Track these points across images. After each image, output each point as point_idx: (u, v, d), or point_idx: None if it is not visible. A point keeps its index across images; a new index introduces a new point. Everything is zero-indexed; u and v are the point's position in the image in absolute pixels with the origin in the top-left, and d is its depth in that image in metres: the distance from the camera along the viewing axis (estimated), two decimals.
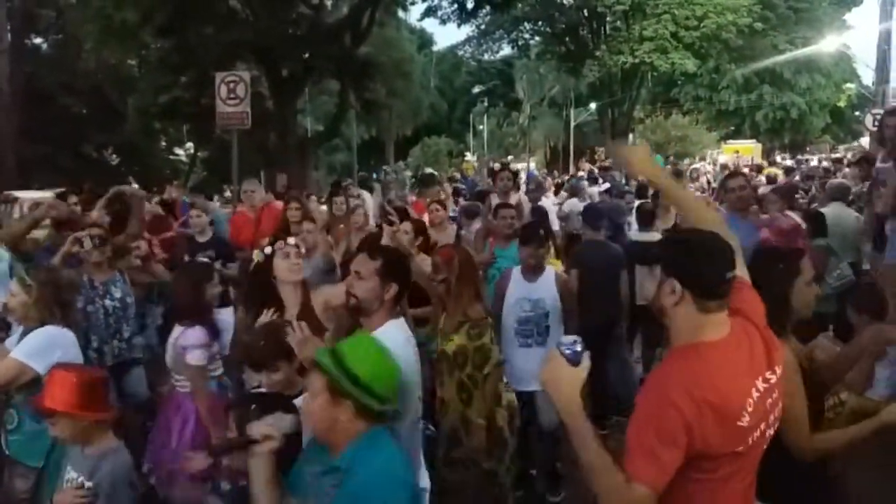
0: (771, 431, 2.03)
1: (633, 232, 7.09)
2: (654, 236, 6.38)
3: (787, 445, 2.53)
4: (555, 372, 1.92)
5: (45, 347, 3.26)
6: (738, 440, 1.90)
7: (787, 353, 2.60)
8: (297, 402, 2.90)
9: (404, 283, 2.82)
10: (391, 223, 4.43)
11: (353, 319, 3.04)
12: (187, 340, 3.71)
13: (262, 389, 3.01)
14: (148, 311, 5.76)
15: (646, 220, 6.76)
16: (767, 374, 1.98)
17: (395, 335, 2.72)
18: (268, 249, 3.73)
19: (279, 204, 7.33)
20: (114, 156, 23.08)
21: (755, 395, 1.92)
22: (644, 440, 1.83)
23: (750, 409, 1.90)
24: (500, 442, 3.84)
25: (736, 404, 1.88)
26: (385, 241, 4.11)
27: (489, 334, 3.73)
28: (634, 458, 1.83)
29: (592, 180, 16.29)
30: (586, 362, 1.94)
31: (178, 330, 3.82)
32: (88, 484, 2.72)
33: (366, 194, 9.70)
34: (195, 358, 3.70)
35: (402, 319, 2.88)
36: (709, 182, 16.16)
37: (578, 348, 1.93)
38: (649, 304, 2.06)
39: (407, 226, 5.24)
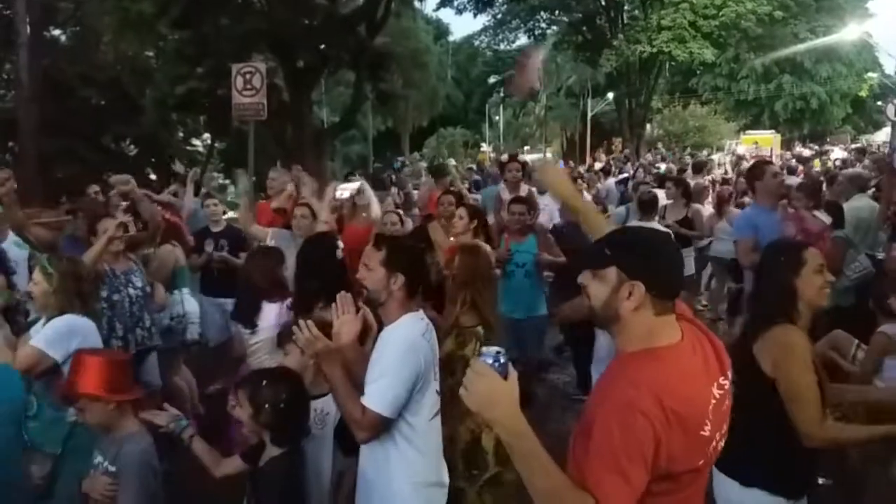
0: (721, 444, 1.87)
1: (635, 221, 7.08)
2: (653, 226, 6.38)
3: (797, 429, 2.59)
4: (490, 389, 1.66)
5: (63, 336, 3.28)
6: (700, 452, 1.77)
7: (795, 335, 2.65)
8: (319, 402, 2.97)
9: (412, 274, 2.77)
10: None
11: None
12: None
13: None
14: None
15: (645, 209, 6.80)
16: (721, 380, 1.84)
17: (408, 329, 2.71)
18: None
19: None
20: (132, 147, 23.22)
21: (713, 402, 1.78)
22: (610, 457, 1.62)
23: (710, 418, 1.76)
24: (481, 464, 3.49)
25: (699, 412, 1.74)
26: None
27: (473, 346, 3.43)
28: (603, 479, 1.62)
29: (606, 172, 16.25)
30: (513, 374, 1.71)
31: (271, 307, 3.88)
32: (112, 468, 2.78)
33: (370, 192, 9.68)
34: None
35: (419, 313, 2.84)
36: (725, 174, 16.01)
37: (503, 360, 1.69)
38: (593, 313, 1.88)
39: (462, 211, 5.24)
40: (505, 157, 9.09)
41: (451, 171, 10.31)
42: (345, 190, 5.55)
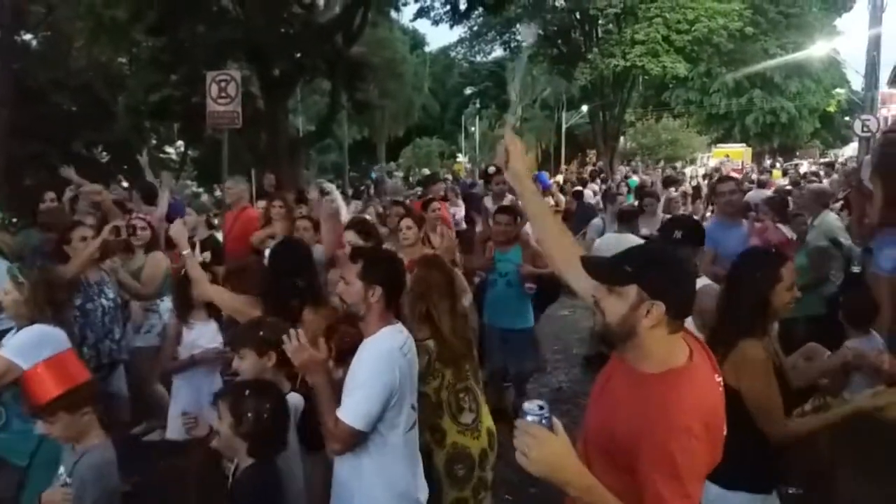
0: None
1: (612, 230, 7.15)
2: (628, 238, 6.41)
3: (764, 432, 2.64)
4: (551, 453, 1.62)
5: (33, 345, 3.22)
6: (721, 451, 1.85)
7: (758, 350, 2.69)
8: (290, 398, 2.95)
9: (390, 286, 2.76)
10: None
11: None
12: None
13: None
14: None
15: (625, 219, 6.87)
16: (717, 378, 1.91)
17: (382, 343, 2.71)
18: None
19: (253, 211, 7.32)
20: (104, 153, 22.91)
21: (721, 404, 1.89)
22: (678, 485, 1.66)
23: (725, 418, 1.86)
24: (436, 482, 3.29)
25: (722, 417, 1.84)
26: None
27: (423, 360, 3.23)
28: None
29: (583, 183, 16.41)
30: (558, 425, 1.68)
31: None
32: (69, 479, 2.74)
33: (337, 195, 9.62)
34: None
35: (398, 325, 2.83)
36: (696, 186, 16.22)
37: (547, 413, 1.65)
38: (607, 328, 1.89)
39: (409, 222, 5.25)
40: (492, 168, 9.18)
41: (441, 180, 10.29)
42: None
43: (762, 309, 2.74)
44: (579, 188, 14.37)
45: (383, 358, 2.67)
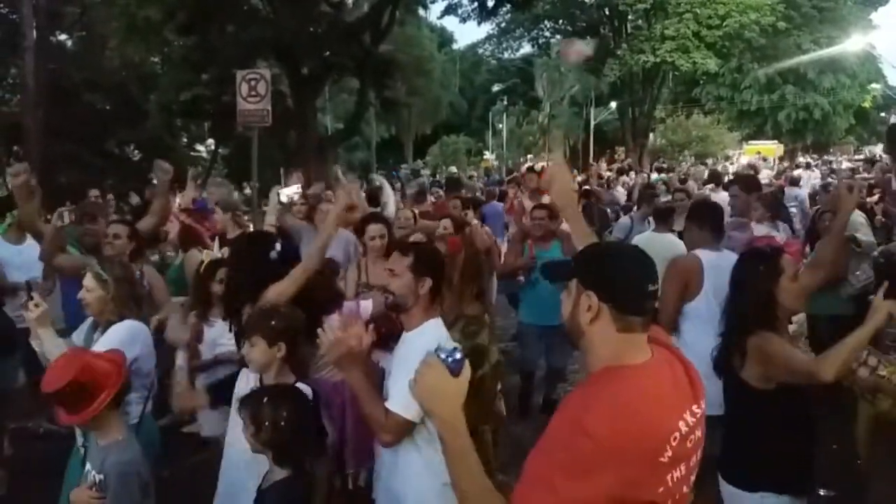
0: (692, 478, 1.72)
1: (649, 231, 7.06)
2: (667, 237, 6.37)
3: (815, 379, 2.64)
4: (436, 382, 1.66)
5: (128, 341, 3.28)
6: (659, 480, 1.60)
7: (771, 346, 2.71)
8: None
9: (438, 278, 2.81)
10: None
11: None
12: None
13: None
14: None
15: (661, 217, 6.75)
16: (694, 408, 1.72)
17: (430, 335, 2.72)
18: None
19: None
20: (136, 152, 23.28)
21: (683, 428, 1.64)
22: (544, 470, 1.55)
23: (674, 444, 1.61)
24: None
25: (660, 435, 1.60)
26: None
27: (485, 334, 3.42)
28: (528, 491, 1.55)
29: (620, 172, 16.25)
30: (466, 373, 1.70)
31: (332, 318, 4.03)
32: (99, 477, 2.74)
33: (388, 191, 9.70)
34: None
35: (440, 319, 2.86)
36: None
37: (458, 356, 1.69)
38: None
39: (447, 222, 5.32)
40: (525, 167, 9.24)
41: (465, 183, 10.31)
42: (285, 195, 5.79)
43: (768, 305, 2.78)
44: (586, 187, 12.55)
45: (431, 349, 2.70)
